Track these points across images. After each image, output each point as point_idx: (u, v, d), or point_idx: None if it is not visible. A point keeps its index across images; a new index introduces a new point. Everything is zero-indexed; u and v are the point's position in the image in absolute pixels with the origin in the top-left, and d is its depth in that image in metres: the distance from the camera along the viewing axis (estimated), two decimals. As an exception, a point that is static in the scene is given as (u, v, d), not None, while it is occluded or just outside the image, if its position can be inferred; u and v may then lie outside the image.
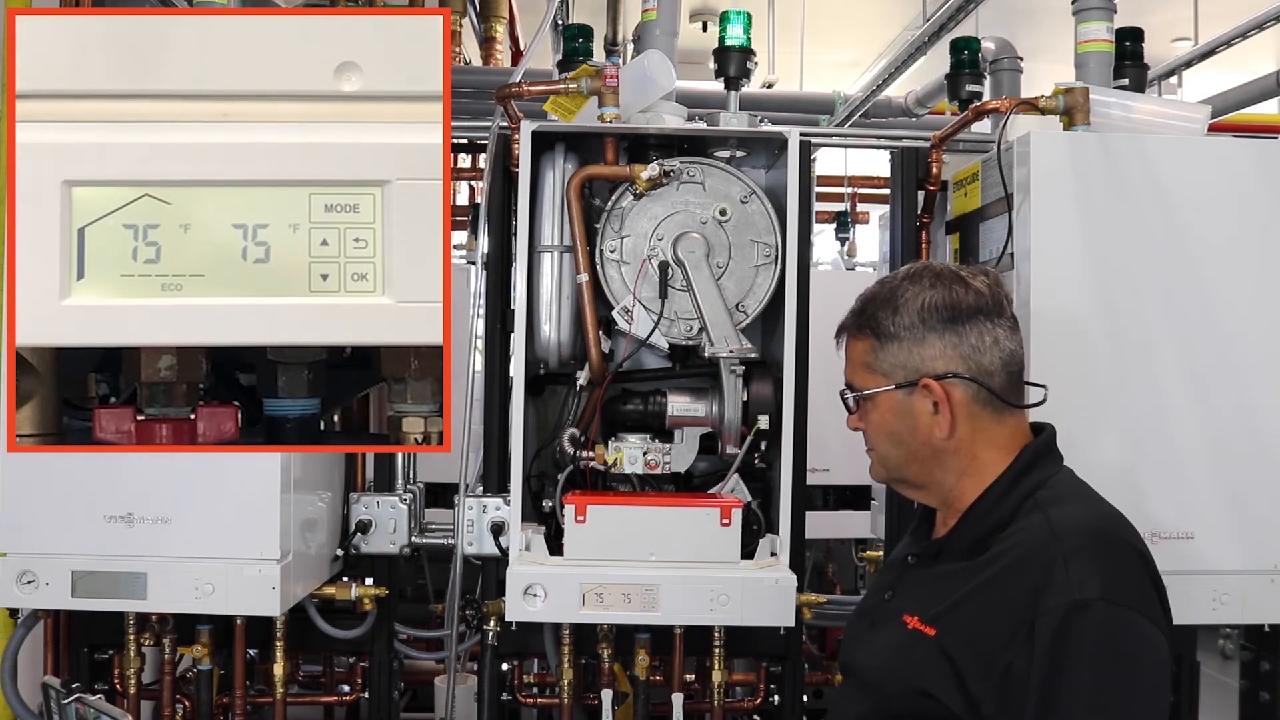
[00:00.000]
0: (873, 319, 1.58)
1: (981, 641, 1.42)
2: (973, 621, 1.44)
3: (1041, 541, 1.43)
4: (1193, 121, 2.46)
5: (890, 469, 1.62)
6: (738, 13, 2.53)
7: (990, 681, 1.39)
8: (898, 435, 1.58)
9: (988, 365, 1.54)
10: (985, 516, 1.52)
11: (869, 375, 1.59)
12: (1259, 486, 2.30)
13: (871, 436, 1.62)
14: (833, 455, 3.51)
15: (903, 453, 1.59)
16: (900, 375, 1.56)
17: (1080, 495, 1.54)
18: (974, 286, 1.56)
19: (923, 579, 1.58)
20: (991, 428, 1.55)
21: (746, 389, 2.28)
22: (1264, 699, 2.53)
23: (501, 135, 2.53)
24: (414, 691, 3.70)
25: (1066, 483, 1.55)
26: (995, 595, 1.43)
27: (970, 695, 1.41)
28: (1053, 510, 1.47)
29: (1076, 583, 1.37)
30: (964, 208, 2.62)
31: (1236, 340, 2.30)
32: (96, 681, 2.53)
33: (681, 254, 2.30)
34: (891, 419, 1.58)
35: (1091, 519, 1.47)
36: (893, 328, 1.56)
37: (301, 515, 2.30)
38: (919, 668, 1.47)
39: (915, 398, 1.55)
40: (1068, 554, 1.40)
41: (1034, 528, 1.46)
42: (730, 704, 2.63)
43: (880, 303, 1.58)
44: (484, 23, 5.44)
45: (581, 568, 2.16)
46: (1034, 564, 1.41)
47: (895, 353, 1.56)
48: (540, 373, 2.47)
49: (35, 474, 2.17)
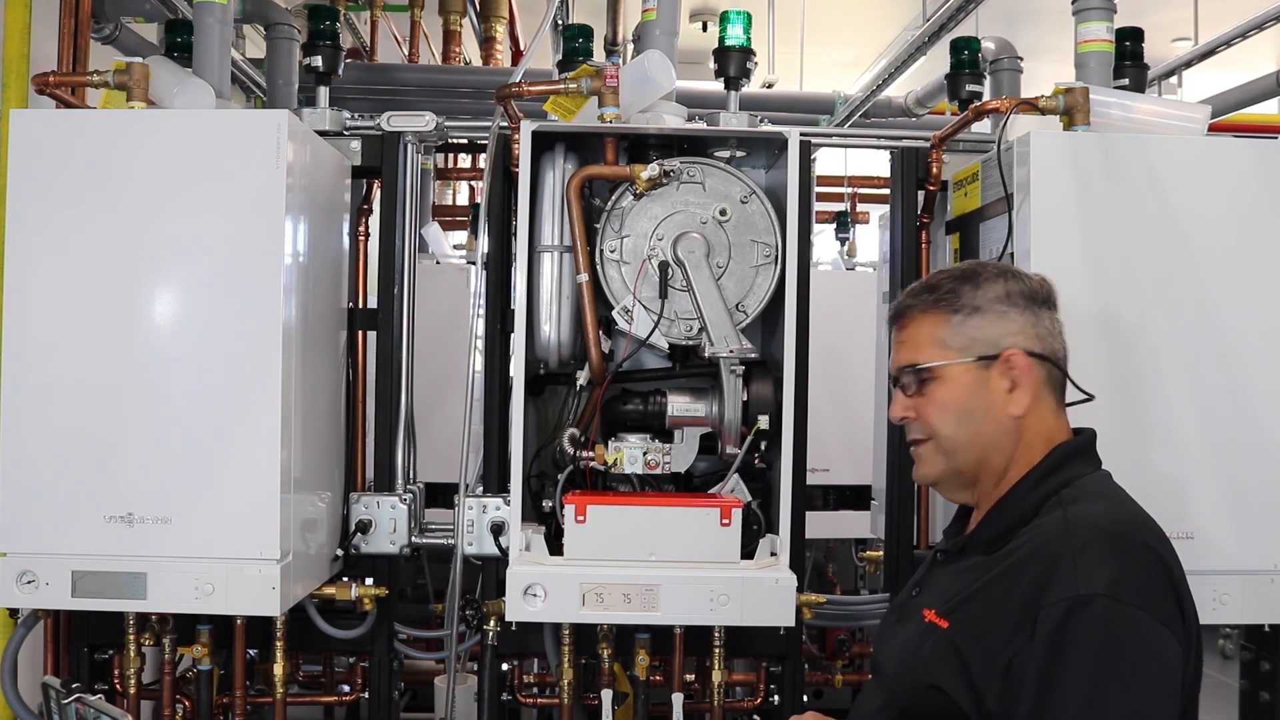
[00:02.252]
0: (951, 293, 1.57)
1: (989, 635, 1.41)
2: (983, 615, 1.44)
3: (1054, 537, 1.43)
4: (1193, 121, 2.46)
5: (949, 454, 1.57)
6: (738, 13, 2.53)
7: (994, 675, 1.39)
8: (969, 413, 1.55)
9: (1058, 350, 1.57)
10: (1009, 511, 1.52)
11: (940, 351, 1.56)
12: (1259, 486, 2.30)
13: (934, 418, 1.57)
14: (833, 455, 3.52)
15: (968, 434, 1.55)
16: (980, 349, 1.54)
17: (1105, 496, 1.51)
18: (1037, 278, 1.59)
19: (947, 574, 1.59)
20: (1048, 417, 1.56)
21: (746, 389, 2.28)
22: (1264, 699, 2.53)
23: (501, 135, 2.53)
24: (414, 691, 3.70)
25: (1095, 484, 1.54)
26: (1005, 589, 1.43)
27: (975, 689, 1.41)
28: (1072, 508, 1.47)
29: (1082, 578, 1.36)
30: (964, 208, 2.62)
31: (1236, 340, 2.30)
32: (96, 681, 2.53)
33: (681, 254, 2.30)
34: (964, 395, 1.54)
35: (1109, 518, 1.45)
36: (978, 300, 1.55)
37: (301, 515, 2.30)
38: (929, 660, 1.47)
39: (994, 372, 1.54)
40: (1078, 550, 1.39)
41: (1051, 524, 1.45)
42: (730, 704, 2.63)
43: (959, 279, 1.58)
44: (484, 23, 5.44)
45: (581, 568, 2.16)
46: (1043, 558, 1.41)
47: (978, 325, 1.55)
48: (540, 373, 2.47)
49: (35, 474, 2.17)
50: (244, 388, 2.17)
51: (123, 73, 2.28)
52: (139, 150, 2.20)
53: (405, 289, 2.63)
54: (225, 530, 2.16)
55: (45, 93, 2.37)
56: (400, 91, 4.29)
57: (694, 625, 2.35)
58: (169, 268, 2.19)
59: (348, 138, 2.67)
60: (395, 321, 2.62)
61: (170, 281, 2.19)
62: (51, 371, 2.18)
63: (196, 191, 2.19)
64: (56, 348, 2.18)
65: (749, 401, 2.28)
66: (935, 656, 1.46)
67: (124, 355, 2.17)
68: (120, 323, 2.18)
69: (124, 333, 2.18)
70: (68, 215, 2.18)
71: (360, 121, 2.67)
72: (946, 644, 1.45)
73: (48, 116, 2.31)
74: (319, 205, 2.41)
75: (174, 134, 2.21)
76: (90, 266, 2.18)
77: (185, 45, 2.66)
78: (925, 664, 1.47)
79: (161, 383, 2.17)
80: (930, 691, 1.45)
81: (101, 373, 2.17)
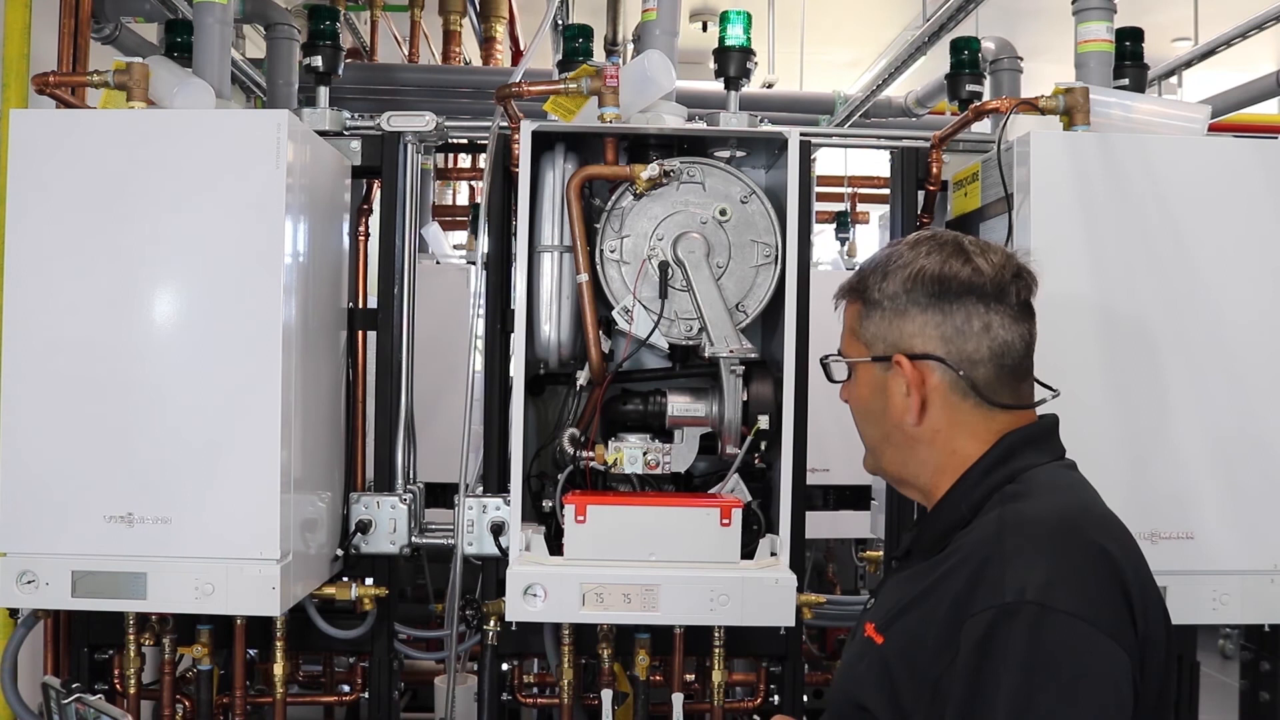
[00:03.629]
0: (863, 283, 1.43)
1: (917, 651, 1.26)
2: (915, 629, 1.28)
3: (986, 538, 1.26)
4: (1193, 121, 2.46)
5: (868, 451, 1.47)
6: (738, 13, 2.53)
7: (922, 697, 1.23)
8: (873, 413, 1.43)
9: (971, 352, 1.36)
10: (948, 512, 1.36)
11: (854, 343, 1.44)
12: (1259, 486, 2.30)
13: (853, 412, 1.47)
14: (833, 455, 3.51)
15: (877, 434, 1.44)
16: (879, 347, 1.40)
17: (1057, 488, 1.34)
18: (975, 263, 1.37)
19: (893, 583, 1.44)
20: (974, 421, 1.37)
21: (746, 389, 2.28)
22: (1264, 699, 2.53)
23: (501, 135, 2.53)
24: (414, 691, 3.70)
25: (1047, 475, 1.35)
26: (936, 599, 1.26)
27: (903, 710, 1.26)
28: (1012, 505, 1.29)
29: (1010, 584, 1.19)
30: (964, 208, 2.61)
31: (1237, 340, 2.30)
32: (96, 681, 2.53)
33: (681, 254, 2.30)
34: (868, 395, 1.43)
35: (1052, 512, 1.27)
36: (877, 294, 1.40)
37: (301, 515, 2.30)
38: (861, 680, 1.33)
39: (891, 375, 1.39)
40: (1008, 552, 1.22)
41: (986, 524, 1.28)
42: (730, 704, 2.63)
43: (874, 267, 1.43)
44: (484, 23, 5.44)
45: (581, 568, 2.16)
46: (972, 562, 1.24)
47: (877, 322, 1.40)
48: (540, 373, 2.47)
49: (35, 474, 2.17)
50: (244, 388, 2.17)
51: (123, 73, 2.28)
52: (139, 150, 2.20)
53: (405, 289, 2.63)
54: (225, 530, 2.16)
55: (45, 93, 2.37)
56: (400, 91, 4.29)
57: (694, 625, 2.35)
58: (169, 268, 2.19)
59: (348, 138, 2.67)
60: (395, 321, 2.62)
61: (170, 281, 2.19)
62: (51, 371, 2.18)
63: (196, 191, 2.19)
64: (56, 348, 2.18)
65: (749, 401, 2.28)
66: (868, 675, 1.31)
67: (124, 355, 2.17)
68: (120, 323, 2.18)
69: (124, 333, 2.18)
70: (68, 215, 2.18)
71: (360, 121, 2.67)
72: (879, 662, 1.30)
73: (48, 116, 2.31)
74: (319, 205, 2.41)
75: (174, 134, 2.21)
76: (90, 266, 2.18)
77: (185, 45, 2.66)
78: (858, 682, 1.33)
79: (161, 382, 2.17)
80: (858, 712, 1.31)
81: (101, 372, 2.17)
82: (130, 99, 2.28)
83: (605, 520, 2.17)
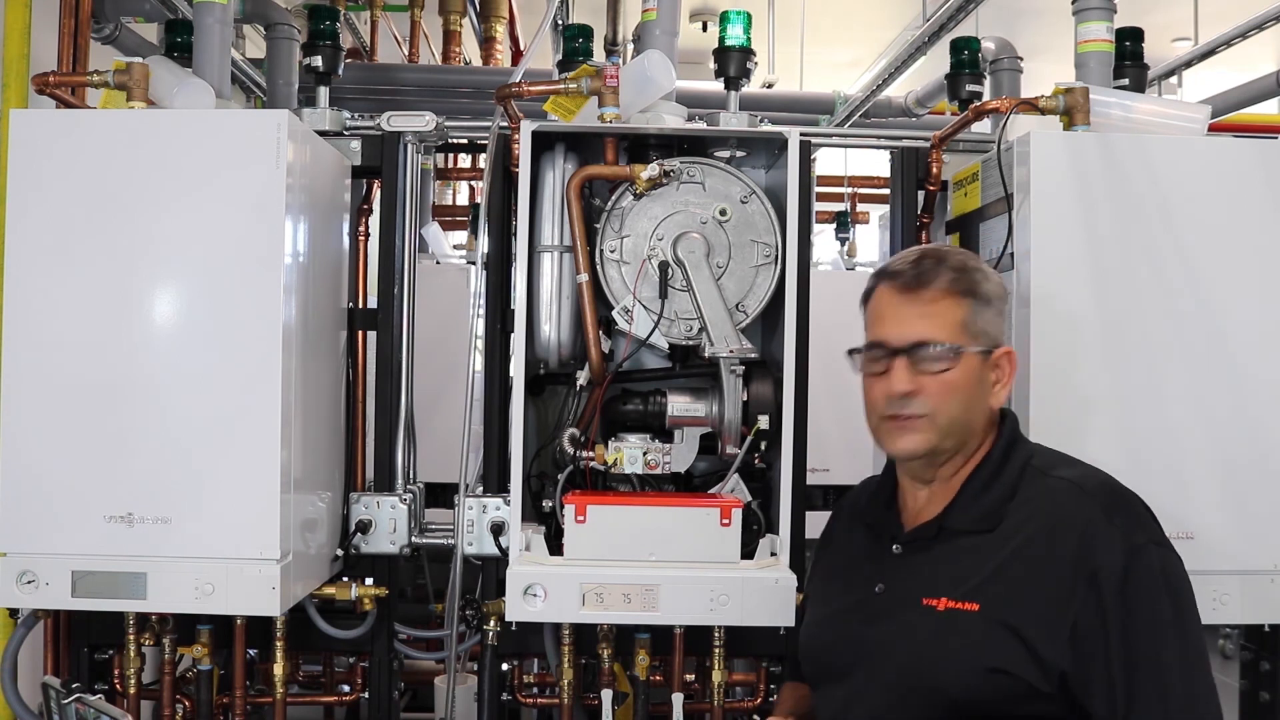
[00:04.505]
0: (974, 280, 1.60)
1: (1039, 605, 1.45)
2: (1022, 588, 1.47)
3: (1072, 502, 1.50)
4: (1193, 121, 2.46)
5: (942, 433, 1.57)
6: (738, 13, 2.53)
7: (1058, 641, 1.43)
8: (971, 400, 1.58)
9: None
10: (987, 489, 1.56)
11: (963, 335, 1.57)
12: (1259, 486, 2.30)
13: (939, 396, 1.56)
14: (833, 455, 3.50)
15: (966, 418, 1.58)
16: (986, 341, 1.59)
17: (1070, 462, 1.61)
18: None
19: (926, 561, 1.57)
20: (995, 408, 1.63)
21: (746, 389, 2.28)
22: (1264, 699, 2.53)
23: (501, 135, 2.53)
24: (414, 691, 3.69)
25: (1050, 453, 1.63)
26: (1039, 558, 1.47)
27: (1042, 660, 1.43)
28: (1061, 473, 1.55)
29: (1123, 532, 1.46)
30: (964, 208, 2.61)
31: (1236, 340, 2.30)
32: (96, 681, 2.53)
33: (681, 254, 2.30)
34: (971, 382, 1.57)
35: (1103, 478, 1.55)
36: (988, 294, 1.60)
37: (301, 515, 2.30)
38: (977, 646, 1.46)
39: (988, 366, 1.59)
40: (1108, 506, 1.49)
41: (1055, 491, 1.53)
42: (730, 704, 2.63)
43: (970, 267, 1.61)
44: (484, 23, 5.45)
45: (581, 568, 2.16)
46: (1075, 522, 1.47)
47: (989, 319, 1.59)
48: (540, 373, 2.47)
49: (35, 474, 2.17)
50: (244, 388, 2.17)
51: (123, 73, 2.28)
52: (139, 150, 2.20)
53: (405, 289, 2.63)
54: (225, 530, 2.16)
55: (45, 93, 2.37)
56: (400, 91, 4.29)
57: (694, 625, 2.35)
58: (169, 268, 2.19)
59: (348, 138, 2.67)
60: (395, 321, 2.62)
61: (170, 282, 2.19)
62: (51, 371, 2.18)
63: (196, 191, 2.19)
64: (56, 347, 2.18)
65: (749, 401, 2.28)
66: (984, 640, 1.46)
67: (124, 355, 2.17)
68: (120, 322, 2.18)
69: (124, 332, 2.18)
70: (68, 215, 2.18)
71: (360, 121, 2.67)
72: (992, 625, 1.46)
73: (48, 116, 2.31)
74: (319, 205, 2.41)
75: (174, 134, 2.21)
76: (90, 266, 2.18)
77: (185, 45, 2.66)
78: (973, 650, 1.46)
79: (161, 383, 2.17)
80: (991, 676, 1.45)
81: (101, 372, 2.17)
82: (130, 99, 2.28)
83: (605, 520, 2.17)
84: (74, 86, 2.47)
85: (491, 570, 2.58)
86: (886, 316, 1.61)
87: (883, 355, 1.59)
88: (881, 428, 1.61)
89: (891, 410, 1.58)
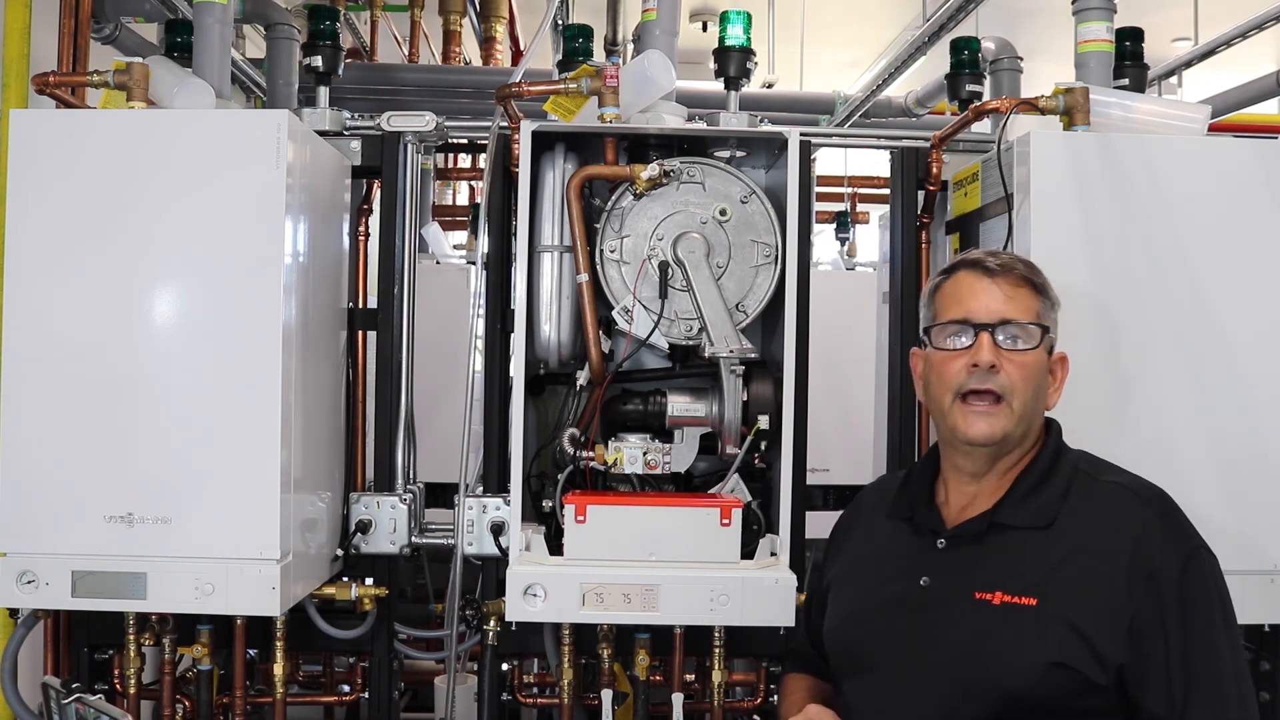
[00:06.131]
0: (1044, 281, 1.68)
1: (1096, 602, 1.50)
2: (1079, 585, 1.51)
3: (1129, 505, 1.57)
4: (1193, 121, 2.46)
5: (1017, 419, 1.61)
6: (738, 13, 2.53)
7: (1116, 636, 1.48)
8: (1039, 390, 1.64)
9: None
10: (1039, 489, 1.61)
11: (1042, 321, 1.65)
12: (1259, 486, 2.30)
13: (1018, 376, 1.60)
14: (833, 455, 3.51)
15: (1036, 407, 1.64)
16: (1051, 341, 1.66)
17: (1116, 469, 1.66)
18: None
19: (975, 556, 1.59)
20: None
21: (746, 389, 2.28)
22: (1264, 699, 2.52)
23: (501, 135, 2.53)
24: (414, 691, 3.69)
25: (1095, 459, 1.68)
26: (1096, 557, 1.52)
27: (1101, 655, 1.48)
28: (1112, 478, 1.62)
29: (1177, 535, 1.54)
30: (964, 208, 2.61)
31: (1236, 340, 2.30)
32: (96, 681, 2.53)
33: (681, 254, 2.30)
34: (1040, 371, 1.64)
35: (1153, 485, 1.62)
36: (1053, 298, 1.68)
37: (301, 515, 2.30)
38: (1036, 640, 1.49)
39: (1050, 364, 1.66)
40: (1162, 513, 1.56)
41: (1109, 494, 1.59)
42: (730, 704, 2.63)
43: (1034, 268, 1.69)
44: (484, 23, 5.45)
45: (581, 568, 2.16)
46: (1129, 525, 1.54)
47: (1053, 320, 1.66)
48: (540, 373, 2.47)
49: (35, 474, 2.17)
50: (244, 388, 2.17)
51: (123, 73, 2.28)
52: (139, 150, 2.20)
53: (405, 289, 2.63)
54: (225, 530, 2.16)
55: (45, 93, 2.37)
56: (400, 91, 4.29)
57: (694, 625, 2.35)
58: (169, 268, 2.19)
59: (348, 138, 2.67)
60: (395, 321, 2.62)
61: (170, 281, 2.19)
62: (51, 371, 2.18)
63: (196, 191, 2.19)
64: (56, 347, 2.18)
65: (749, 401, 2.28)
66: (1046, 635, 1.49)
67: (124, 355, 2.17)
68: (120, 322, 2.18)
69: (124, 332, 2.18)
70: (68, 215, 2.18)
71: (360, 121, 2.67)
72: (1052, 620, 1.50)
73: (48, 116, 2.31)
74: (319, 205, 2.41)
75: (174, 134, 2.21)
76: (90, 266, 2.18)
77: (185, 45, 2.66)
78: (1035, 644, 1.49)
79: (161, 382, 2.17)
80: (1050, 669, 1.48)
81: (101, 372, 2.17)
82: (130, 99, 2.28)
83: (605, 520, 2.17)
84: (74, 86, 2.47)
85: (491, 570, 2.58)
86: (973, 295, 1.64)
87: (968, 330, 1.62)
88: (955, 410, 1.61)
89: (973, 384, 1.60)
